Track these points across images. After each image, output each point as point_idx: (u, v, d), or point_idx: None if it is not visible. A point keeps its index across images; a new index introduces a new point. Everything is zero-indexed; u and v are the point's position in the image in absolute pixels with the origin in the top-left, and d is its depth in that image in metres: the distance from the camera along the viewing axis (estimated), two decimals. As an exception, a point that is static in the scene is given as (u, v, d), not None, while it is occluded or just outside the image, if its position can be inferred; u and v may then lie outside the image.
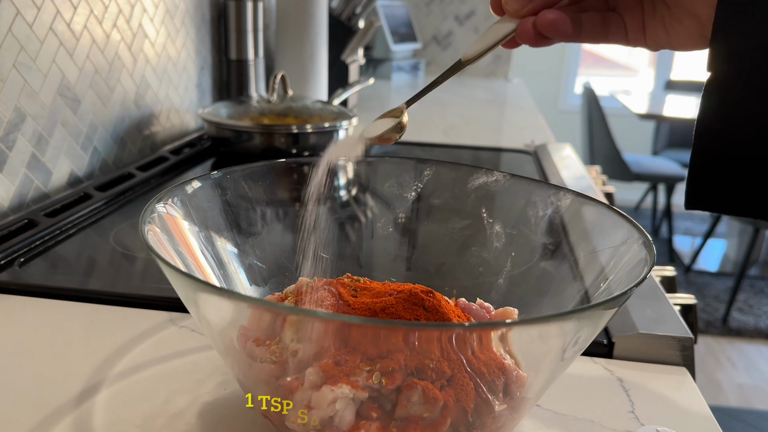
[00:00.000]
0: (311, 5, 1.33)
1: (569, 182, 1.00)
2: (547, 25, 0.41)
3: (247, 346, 0.37)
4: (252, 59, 1.29)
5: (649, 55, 4.23)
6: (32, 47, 0.76)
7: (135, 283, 0.64)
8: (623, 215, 0.43)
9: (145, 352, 0.50)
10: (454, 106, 1.80)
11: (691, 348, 0.52)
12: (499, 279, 0.50)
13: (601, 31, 0.43)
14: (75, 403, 0.44)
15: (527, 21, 0.41)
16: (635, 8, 0.42)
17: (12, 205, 0.75)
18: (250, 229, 0.52)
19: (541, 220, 0.50)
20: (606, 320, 0.37)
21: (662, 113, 2.94)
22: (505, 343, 0.38)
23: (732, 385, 2.22)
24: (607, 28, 0.43)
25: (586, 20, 0.42)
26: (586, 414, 0.45)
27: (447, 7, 2.45)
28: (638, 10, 0.42)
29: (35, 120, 0.78)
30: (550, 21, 0.41)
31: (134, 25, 0.98)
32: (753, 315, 2.67)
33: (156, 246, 0.37)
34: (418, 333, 0.35)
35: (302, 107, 1.12)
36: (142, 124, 1.04)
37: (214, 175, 0.49)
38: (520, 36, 0.42)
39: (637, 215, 3.72)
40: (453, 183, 0.54)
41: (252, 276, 0.50)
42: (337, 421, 0.34)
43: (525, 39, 0.42)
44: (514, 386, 0.37)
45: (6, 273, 0.62)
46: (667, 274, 0.78)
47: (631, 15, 0.42)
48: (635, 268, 0.39)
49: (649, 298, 0.59)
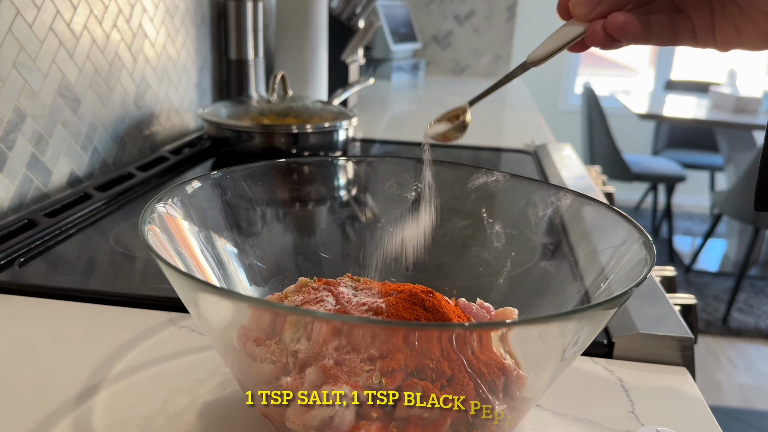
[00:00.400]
0: (311, 5, 1.33)
1: (569, 182, 1.00)
2: (617, 28, 0.40)
3: (247, 346, 0.37)
4: (252, 59, 1.29)
5: (649, 55, 4.23)
6: (32, 47, 0.76)
7: (135, 283, 0.64)
8: (623, 215, 0.43)
9: (145, 352, 0.50)
10: (454, 106, 1.79)
11: (691, 348, 0.52)
12: (499, 279, 0.50)
13: (669, 33, 0.42)
14: (75, 403, 0.44)
15: (596, 24, 0.41)
16: (704, 9, 0.41)
17: (12, 205, 0.75)
18: (250, 229, 0.52)
19: (541, 220, 0.50)
20: (606, 320, 0.37)
21: (662, 113, 2.94)
22: (505, 343, 0.38)
23: (732, 385, 2.22)
24: (675, 29, 0.42)
25: (655, 22, 0.42)
26: (586, 414, 0.45)
27: (447, 7, 2.45)
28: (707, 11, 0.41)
29: (35, 120, 0.78)
30: (620, 23, 0.40)
31: (134, 25, 0.98)
32: (753, 315, 2.67)
33: (156, 246, 0.37)
34: (418, 333, 0.35)
35: (302, 107, 1.12)
36: (142, 124, 1.04)
37: (214, 175, 0.49)
38: (589, 39, 0.42)
39: (637, 215, 3.72)
40: (453, 183, 0.54)
41: (252, 276, 0.50)
42: (337, 421, 0.34)
43: (595, 42, 0.42)
44: (514, 386, 0.37)
45: (6, 273, 0.62)
46: (667, 274, 0.78)
47: (699, 16, 0.42)
48: (635, 268, 0.39)
49: (649, 298, 0.59)
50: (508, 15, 2.43)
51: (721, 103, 2.94)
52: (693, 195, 4.04)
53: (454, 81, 2.38)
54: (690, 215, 3.93)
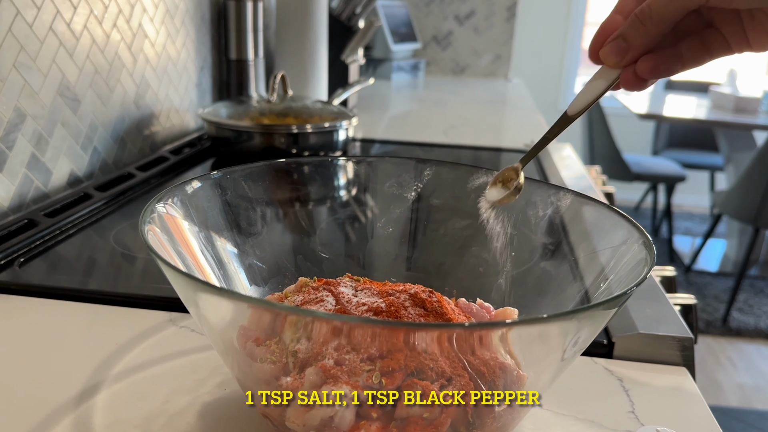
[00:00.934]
0: (311, 5, 1.33)
1: (569, 182, 1.00)
2: (648, 72, 0.41)
3: (247, 346, 0.37)
4: (252, 59, 1.29)
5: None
6: (32, 47, 0.76)
7: (135, 283, 0.64)
8: (623, 215, 0.43)
9: (145, 352, 0.50)
10: (454, 106, 1.80)
11: (691, 348, 0.52)
12: (499, 279, 0.50)
13: (703, 54, 0.42)
14: (75, 403, 0.44)
15: (628, 71, 0.41)
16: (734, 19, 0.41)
17: (12, 205, 0.75)
18: (250, 229, 0.52)
19: (541, 220, 0.50)
20: (606, 320, 0.37)
21: (662, 113, 2.94)
22: (505, 343, 0.38)
23: (732, 385, 2.22)
24: (708, 47, 0.42)
25: (686, 50, 0.42)
26: (586, 414, 0.45)
27: (447, 7, 2.45)
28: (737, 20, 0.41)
29: (35, 120, 0.78)
30: (650, 68, 0.41)
31: (134, 25, 0.98)
32: (753, 315, 2.67)
33: (156, 246, 0.37)
34: (418, 333, 0.35)
35: (302, 107, 1.12)
36: (142, 124, 1.04)
37: (214, 175, 0.49)
38: (624, 84, 0.42)
39: (637, 215, 3.72)
40: (453, 183, 0.54)
41: (252, 276, 0.50)
42: (337, 421, 0.34)
43: (630, 87, 0.42)
44: (514, 386, 0.37)
45: (6, 273, 0.62)
46: (667, 274, 0.78)
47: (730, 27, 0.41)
48: (635, 268, 0.39)
49: (649, 298, 0.59)
50: (508, 15, 2.43)
51: (721, 103, 2.94)
52: (693, 195, 4.04)
53: (454, 81, 2.38)
54: (690, 215, 3.93)
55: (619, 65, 0.42)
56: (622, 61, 0.41)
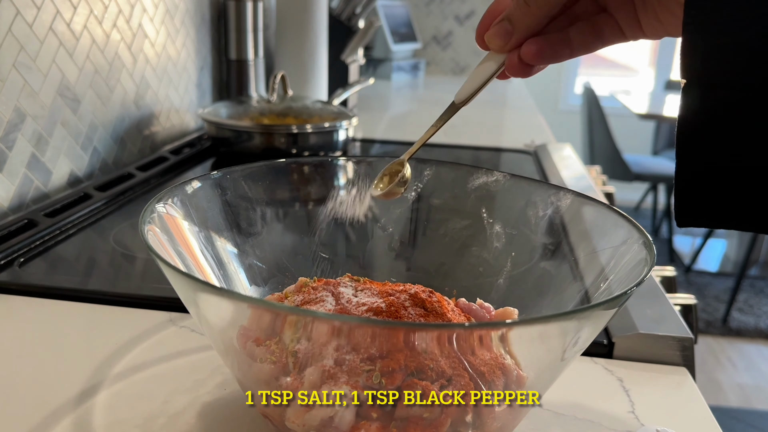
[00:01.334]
0: (311, 5, 1.33)
1: (569, 182, 1.00)
2: (532, 57, 0.39)
3: (247, 346, 0.37)
4: (252, 59, 1.29)
5: (649, 54, 4.23)
6: (32, 47, 0.76)
7: (135, 283, 0.64)
8: (623, 215, 0.43)
9: (145, 352, 0.50)
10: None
11: (691, 348, 0.52)
12: (499, 279, 0.50)
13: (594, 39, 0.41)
14: (75, 403, 0.43)
15: (513, 55, 0.40)
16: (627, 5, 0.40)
17: (12, 205, 0.75)
18: (250, 229, 0.52)
19: (541, 220, 0.50)
20: (606, 320, 0.37)
21: (662, 113, 2.94)
22: (505, 343, 0.38)
23: (732, 385, 2.22)
24: (599, 33, 0.41)
25: (575, 34, 0.40)
26: (586, 414, 0.45)
27: (447, 7, 2.45)
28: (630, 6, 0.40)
29: (35, 120, 0.78)
30: (534, 52, 0.39)
31: (134, 25, 0.98)
32: (753, 315, 2.67)
33: (156, 246, 0.37)
34: (418, 333, 0.35)
35: (302, 107, 1.12)
36: (142, 124, 1.04)
37: (214, 175, 0.49)
38: (509, 70, 0.41)
39: (637, 215, 3.72)
40: (453, 183, 0.54)
41: (252, 276, 0.50)
42: (337, 421, 0.34)
43: (515, 73, 0.41)
44: (514, 386, 0.37)
45: (6, 273, 0.62)
46: (667, 274, 0.78)
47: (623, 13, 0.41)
48: (635, 268, 0.39)
49: (649, 298, 0.59)
50: (508, 15, 2.42)
51: (721, 103, 2.94)
52: (693, 195, 4.03)
53: (454, 81, 2.38)
54: (690, 215, 3.92)
55: (504, 49, 0.40)
56: (507, 45, 0.40)
